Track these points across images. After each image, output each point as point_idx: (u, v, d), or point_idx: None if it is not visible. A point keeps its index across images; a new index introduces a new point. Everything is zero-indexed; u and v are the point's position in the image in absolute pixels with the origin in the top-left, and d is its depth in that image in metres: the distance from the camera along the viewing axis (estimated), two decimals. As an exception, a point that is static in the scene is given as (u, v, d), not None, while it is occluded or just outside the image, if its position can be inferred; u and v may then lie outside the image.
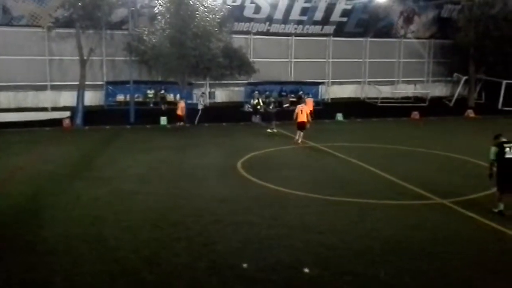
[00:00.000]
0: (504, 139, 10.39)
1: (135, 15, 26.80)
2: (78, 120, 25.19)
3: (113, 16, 26.18)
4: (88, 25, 25.01)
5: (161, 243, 8.66)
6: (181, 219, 9.98)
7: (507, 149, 10.13)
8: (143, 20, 26.89)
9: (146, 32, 25.08)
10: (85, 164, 15.85)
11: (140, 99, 28.47)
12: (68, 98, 27.07)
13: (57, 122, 24.80)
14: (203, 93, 28.41)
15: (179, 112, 24.45)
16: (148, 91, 28.85)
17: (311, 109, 22.44)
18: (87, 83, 26.19)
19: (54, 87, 27.49)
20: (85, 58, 25.37)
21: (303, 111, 19.73)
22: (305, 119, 19.65)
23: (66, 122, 24.97)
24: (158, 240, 8.78)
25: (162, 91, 28.81)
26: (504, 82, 31.94)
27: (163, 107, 28.19)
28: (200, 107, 26.81)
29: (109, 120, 25.30)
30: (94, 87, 27.86)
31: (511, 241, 8.78)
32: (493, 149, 10.29)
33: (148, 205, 10.96)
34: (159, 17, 24.95)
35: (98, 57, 27.77)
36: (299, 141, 19.51)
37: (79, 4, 23.62)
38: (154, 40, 24.69)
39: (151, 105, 28.68)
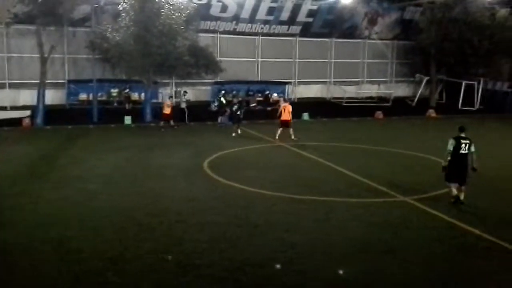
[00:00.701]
0: (463, 135, 10.86)
1: (98, 12, 26.17)
2: (39, 120, 24.40)
3: (75, 13, 25.45)
4: (49, 22, 24.16)
5: (126, 243, 8.51)
6: (146, 219, 9.84)
7: (463, 145, 10.71)
8: (107, 17, 26.21)
9: (109, 30, 24.49)
10: (47, 165, 15.38)
11: (104, 98, 27.84)
12: (27, 97, 26.17)
13: (17, 121, 23.92)
14: (185, 91, 28.01)
15: (166, 111, 23.89)
16: (112, 90, 28.25)
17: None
18: (48, 81, 25.38)
19: (13, 85, 26.53)
20: (45, 55, 24.59)
21: (286, 110, 20.34)
22: (288, 118, 20.29)
23: (26, 122, 24.14)
24: (123, 241, 8.63)
25: (127, 90, 28.30)
26: (464, 82, 33.01)
27: (127, 106, 27.71)
28: (183, 105, 26.37)
29: (71, 119, 24.64)
30: (55, 85, 27.06)
31: (472, 237, 9.05)
32: (452, 141, 10.82)
33: (113, 206, 10.75)
34: (123, 14, 24.42)
35: (60, 55, 26.98)
36: (277, 137, 20.11)
37: (40, 0, 22.86)
38: (118, 38, 24.16)
39: (115, 104, 28.13)
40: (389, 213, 10.46)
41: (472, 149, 10.82)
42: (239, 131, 21.77)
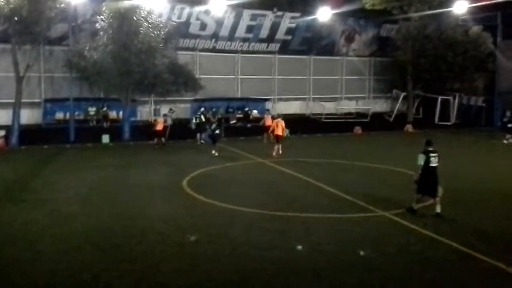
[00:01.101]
0: (431, 148, 11.25)
1: (75, 30, 25.98)
2: (14, 140, 23.87)
3: (53, 31, 25.22)
4: (24, 40, 23.92)
5: (103, 265, 8.28)
6: (124, 240, 9.62)
7: (432, 158, 11.09)
8: (84, 35, 26.04)
9: (87, 48, 24.34)
10: (21, 186, 14.98)
11: (81, 117, 27.54)
12: (2, 117, 25.61)
13: (-9, 141, 23.43)
14: (171, 109, 27.85)
15: (159, 127, 23.99)
16: (90, 108, 27.97)
17: (271, 123, 23.81)
18: (23, 100, 24.96)
19: (-13, 105, 26.06)
20: (21, 74, 24.21)
21: (279, 125, 20.92)
22: (280, 133, 20.79)
23: (0, 142, 23.58)
24: (100, 263, 8.39)
25: (105, 108, 28.03)
26: (440, 98, 33.66)
27: (105, 124, 27.39)
28: (169, 123, 26.19)
29: (48, 139, 24.17)
30: (31, 105, 26.64)
31: (450, 251, 9.08)
32: (422, 156, 11.17)
33: (89, 227, 10.49)
34: (101, 32, 24.34)
35: (36, 74, 26.63)
36: (274, 154, 20.33)
37: (16, 18, 22.56)
38: (96, 56, 24.01)
39: (93, 123, 27.80)
40: (368, 229, 10.45)
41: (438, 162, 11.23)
42: (217, 152, 20.73)
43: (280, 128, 20.87)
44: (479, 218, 11.27)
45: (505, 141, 24.33)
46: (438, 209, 11.09)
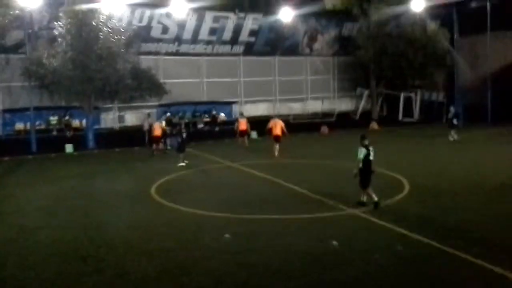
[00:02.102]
0: (367, 142, 11.82)
1: (32, 37, 25.22)
2: (-29, 153, 22.97)
3: (7, 39, 24.41)
4: (-22, 49, 23.10)
5: (70, 279, 8.00)
6: (92, 251, 9.33)
7: (371, 152, 11.76)
8: (42, 42, 25.33)
9: (45, 55, 23.63)
10: (-20, 200, 14.37)
11: (43, 127, 26.78)
12: (-42, 129, 24.73)
13: None
14: (148, 113, 27.29)
15: (157, 133, 22.64)
16: (51, 118, 27.24)
17: (245, 127, 24.80)
18: (-20, 111, 24.10)
19: None
20: (-23, 85, 23.34)
21: (277, 125, 20.82)
22: (279, 132, 20.65)
23: (-43, 155, 22.63)
24: (67, 276, 8.10)
25: (67, 117, 27.31)
26: (402, 94, 34.44)
27: (68, 133, 26.68)
28: (147, 127, 25.47)
29: (8, 151, 23.31)
30: (-12, 116, 25.74)
31: (419, 246, 9.21)
32: (363, 150, 11.71)
33: (55, 239, 10.13)
34: (60, 39, 23.66)
35: (-8, 83, 25.76)
36: (276, 154, 20.37)
37: (-32, 27, 21.74)
38: (55, 64, 23.33)
39: (55, 132, 27.04)
40: (339, 227, 10.50)
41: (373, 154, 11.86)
42: (184, 163, 19.32)
43: (279, 128, 20.78)
44: (447, 212, 11.50)
45: (450, 138, 24.23)
46: (365, 198, 11.95)
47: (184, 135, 20.10)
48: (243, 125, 24.78)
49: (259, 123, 30.39)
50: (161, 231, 10.53)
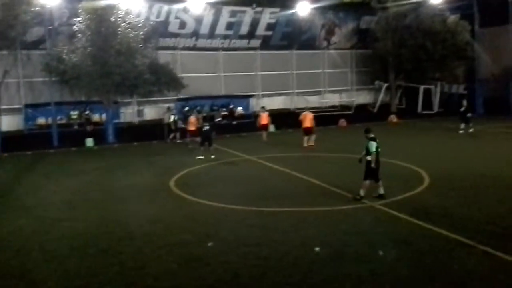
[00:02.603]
0: (373, 135, 11.90)
1: (53, 33, 25.60)
2: (-5, 147, 23.50)
3: (29, 35, 24.82)
4: (1, 46, 23.47)
5: (92, 271, 8.16)
6: (112, 243, 9.50)
7: (378, 144, 11.79)
8: (62, 38, 25.68)
9: (65, 51, 23.99)
10: (5, 193, 14.71)
11: (64, 121, 27.19)
12: (-18, 124, 25.28)
13: (-29, 150, 22.99)
14: (168, 107, 27.64)
15: (192, 127, 22.77)
16: (72, 112, 27.64)
17: (266, 121, 24.36)
18: (3, 107, 24.55)
19: (-34, 113, 25.55)
20: (-1, 80, 23.80)
21: (307, 118, 21.15)
22: (309, 125, 21.06)
23: (-18, 150, 23.19)
24: (89, 268, 8.27)
25: (87, 112, 27.70)
26: (422, 87, 34.00)
27: (88, 128, 27.07)
28: (167, 121, 25.84)
29: (30, 145, 23.83)
30: (11, 111, 26.23)
31: (438, 239, 9.16)
32: (374, 144, 11.75)
33: (77, 232, 10.34)
34: (79, 35, 24.00)
35: (15, 79, 26.24)
36: (305, 145, 20.71)
37: (-11, 24, 22.15)
38: (75, 59, 23.69)
39: (76, 126, 27.47)
40: (358, 220, 10.49)
41: None
42: (202, 155, 19.21)
43: (308, 121, 21.05)
44: (466, 205, 11.38)
45: (461, 131, 24.04)
46: (382, 190, 11.86)
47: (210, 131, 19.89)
48: (264, 119, 24.40)
49: (276, 117, 30.50)
50: (180, 224, 10.66)
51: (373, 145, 11.71)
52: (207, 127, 19.90)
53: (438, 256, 8.31)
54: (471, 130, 23.98)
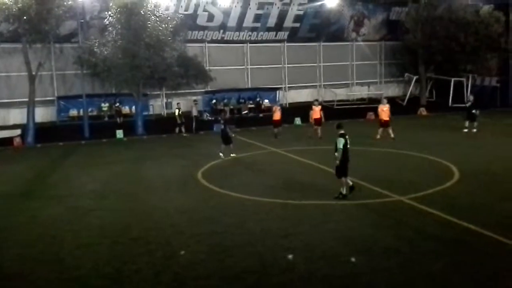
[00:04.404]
0: (343, 131, 11.81)
1: (84, 27, 26.14)
2: (29, 138, 24.20)
3: (61, 29, 25.38)
4: (35, 39, 24.11)
5: (122, 259, 8.40)
6: (142, 233, 9.73)
7: (348, 141, 11.76)
8: (93, 32, 26.22)
9: (96, 44, 24.46)
10: (39, 183, 15.24)
11: (95, 113, 27.77)
12: (17, 116, 26.06)
13: (7, 141, 23.70)
14: (195, 100, 28.04)
15: (276, 117, 22.86)
16: (102, 104, 28.18)
17: (318, 116, 22.35)
18: (37, 99, 25.26)
19: (2, 105, 26.40)
20: (33, 73, 24.45)
21: (385, 110, 20.99)
22: (387, 118, 20.87)
23: (17, 141, 23.90)
24: (119, 256, 8.51)
25: (117, 104, 28.20)
26: (453, 80, 33.23)
27: (118, 120, 27.59)
28: (194, 114, 26.37)
29: (63, 136, 24.49)
30: (45, 103, 26.94)
31: (466, 233, 9.03)
32: (341, 140, 11.67)
33: (107, 221, 10.63)
34: (110, 28, 24.43)
35: (48, 72, 26.90)
36: (378, 137, 20.72)
37: (25, 17, 22.72)
38: (105, 52, 24.12)
39: (106, 118, 28.02)
40: (385, 214, 10.43)
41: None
42: (223, 153, 17.84)
43: (386, 113, 20.86)
44: (496, 200, 11.16)
45: (465, 130, 22.17)
46: (344, 190, 11.63)
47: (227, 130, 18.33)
48: (316, 113, 22.22)
49: (302, 109, 30.38)
50: (208, 215, 10.81)
51: (340, 142, 11.62)
52: (222, 126, 18.46)
53: (468, 251, 8.19)
54: (474, 130, 22.08)
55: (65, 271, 7.97)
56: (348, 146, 11.73)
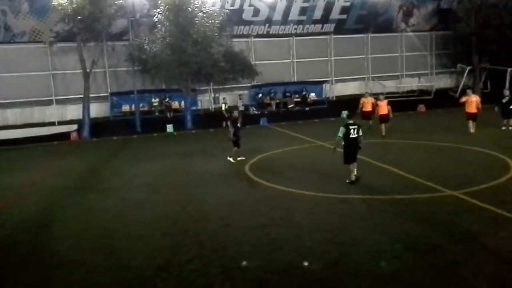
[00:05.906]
0: (351, 121, 12.37)
1: (134, 25, 26.94)
2: (85, 133, 25.35)
3: (113, 27, 26.34)
4: (88, 38, 25.20)
5: (173, 250, 8.67)
6: (191, 225, 9.99)
7: (352, 130, 12.21)
8: (143, 29, 27.01)
9: (146, 41, 25.19)
10: (94, 176, 15.93)
11: (146, 108, 28.58)
12: (74, 111, 27.27)
13: (65, 135, 24.97)
14: (240, 95, 28.56)
15: (366, 108, 22.15)
16: (153, 100, 28.94)
17: (386, 111, 20.36)
18: (91, 95, 26.36)
19: (59, 101, 27.68)
20: (88, 70, 25.53)
21: (474, 101, 19.48)
22: (474, 110, 19.48)
23: (74, 135, 25.12)
24: (169, 248, 8.79)
25: (167, 99, 28.90)
26: (509, 70, 31.68)
27: (168, 115, 28.28)
28: (240, 108, 26.99)
29: (116, 130, 25.45)
30: (98, 99, 28.01)
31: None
32: (342, 129, 12.24)
33: (158, 214, 10.99)
34: (159, 25, 25.07)
35: (101, 69, 27.92)
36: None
37: (79, 17, 23.75)
38: (155, 49, 24.79)
39: (157, 113, 28.78)
40: (435, 209, 10.17)
41: (360, 133, 12.36)
42: (232, 158, 16.56)
43: (474, 105, 19.33)
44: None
45: (503, 127, 20.44)
46: (356, 172, 12.37)
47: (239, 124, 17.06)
48: (383, 109, 20.38)
49: (349, 103, 29.95)
50: (255, 208, 10.95)
51: (341, 131, 12.19)
52: (231, 129, 16.99)
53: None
54: (510, 128, 20.44)
55: (119, 262, 8.31)
56: (352, 136, 12.19)
